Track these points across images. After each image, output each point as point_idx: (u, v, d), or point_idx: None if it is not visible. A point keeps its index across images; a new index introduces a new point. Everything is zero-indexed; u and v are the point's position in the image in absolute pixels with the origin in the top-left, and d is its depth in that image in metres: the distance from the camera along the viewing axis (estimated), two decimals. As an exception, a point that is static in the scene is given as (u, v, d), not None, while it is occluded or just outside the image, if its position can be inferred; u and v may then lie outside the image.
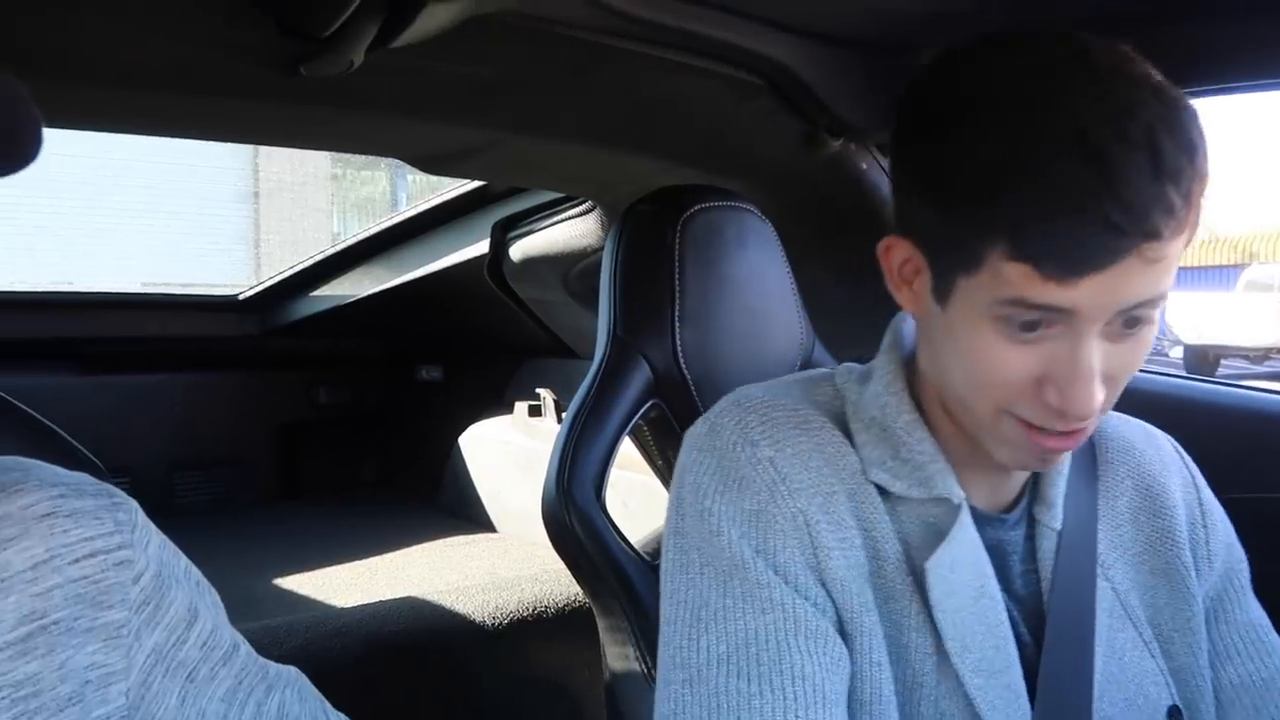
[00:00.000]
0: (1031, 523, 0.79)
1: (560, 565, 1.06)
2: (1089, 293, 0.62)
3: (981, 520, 0.76)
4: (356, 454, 3.12)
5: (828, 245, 1.49)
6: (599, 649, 1.08)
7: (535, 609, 1.82)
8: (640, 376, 1.10)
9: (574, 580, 1.07)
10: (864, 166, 1.42)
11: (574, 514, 1.02)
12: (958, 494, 0.74)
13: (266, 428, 2.96)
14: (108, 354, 2.68)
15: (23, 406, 0.91)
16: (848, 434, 0.77)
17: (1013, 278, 0.63)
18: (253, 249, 11.81)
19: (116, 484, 0.68)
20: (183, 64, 1.03)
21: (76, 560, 0.61)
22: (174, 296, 3.03)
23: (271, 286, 2.78)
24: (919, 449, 0.75)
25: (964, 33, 0.69)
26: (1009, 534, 0.78)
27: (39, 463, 0.66)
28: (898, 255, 0.73)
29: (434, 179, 1.64)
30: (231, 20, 0.95)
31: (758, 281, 1.17)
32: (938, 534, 0.74)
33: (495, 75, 1.14)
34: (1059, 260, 0.61)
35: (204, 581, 0.71)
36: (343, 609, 1.75)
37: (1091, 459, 0.84)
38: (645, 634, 1.00)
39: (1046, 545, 0.78)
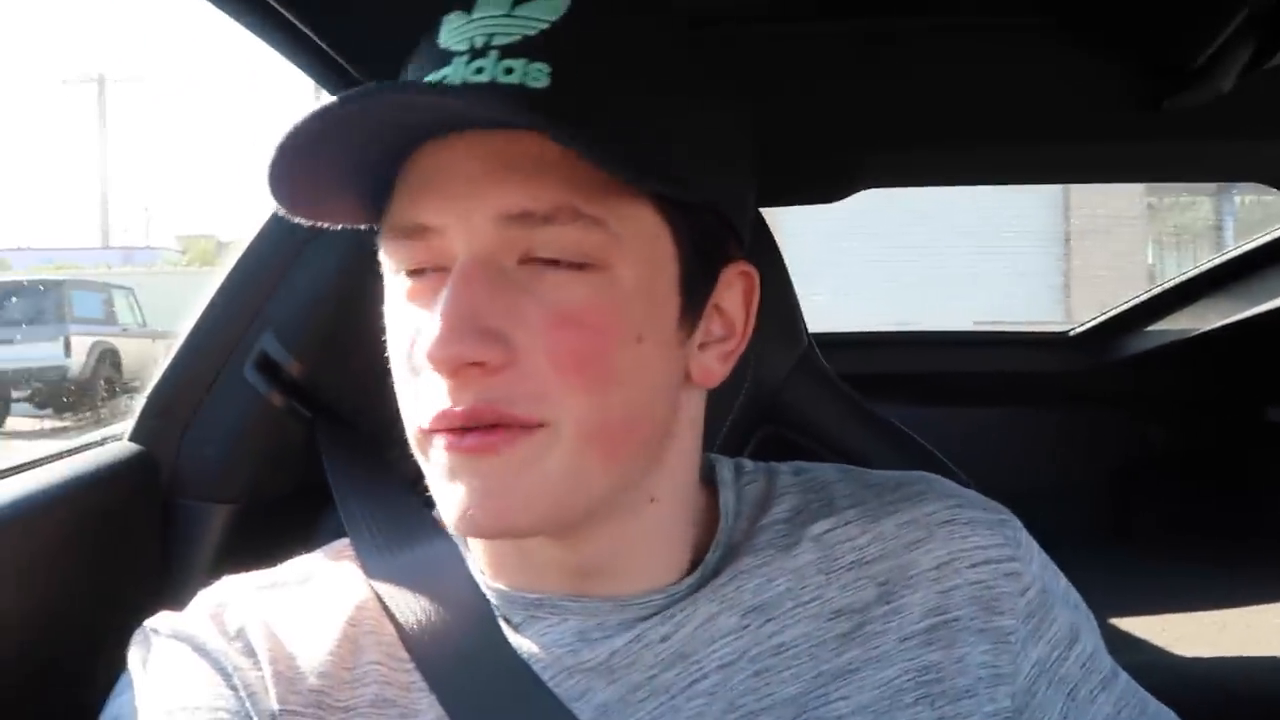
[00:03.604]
0: None
1: None
2: None
3: None
4: (1193, 499, 2.91)
5: None
6: None
7: None
8: None
9: None
10: None
11: None
12: None
13: (1094, 466, 2.91)
14: (943, 388, 2.89)
15: (910, 432, 1.05)
16: None
17: None
18: (1061, 286, 11.77)
19: None
20: (1041, 114, 1.09)
21: (974, 565, 0.68)
22: (1005, 334, 3.15)
23: (1104, 322, 2.74)
24: None
25: None
26: None
27: (937, 476, 0.76)
28: None
29: (1268, 200, 1.50)
30: (1088, 67, 0.98)
31: None
32: None
33: None
34: None
35: (1083, 605, 0.74)
36: (1191, 659, 1.65)
37: None
38: None
39: None
